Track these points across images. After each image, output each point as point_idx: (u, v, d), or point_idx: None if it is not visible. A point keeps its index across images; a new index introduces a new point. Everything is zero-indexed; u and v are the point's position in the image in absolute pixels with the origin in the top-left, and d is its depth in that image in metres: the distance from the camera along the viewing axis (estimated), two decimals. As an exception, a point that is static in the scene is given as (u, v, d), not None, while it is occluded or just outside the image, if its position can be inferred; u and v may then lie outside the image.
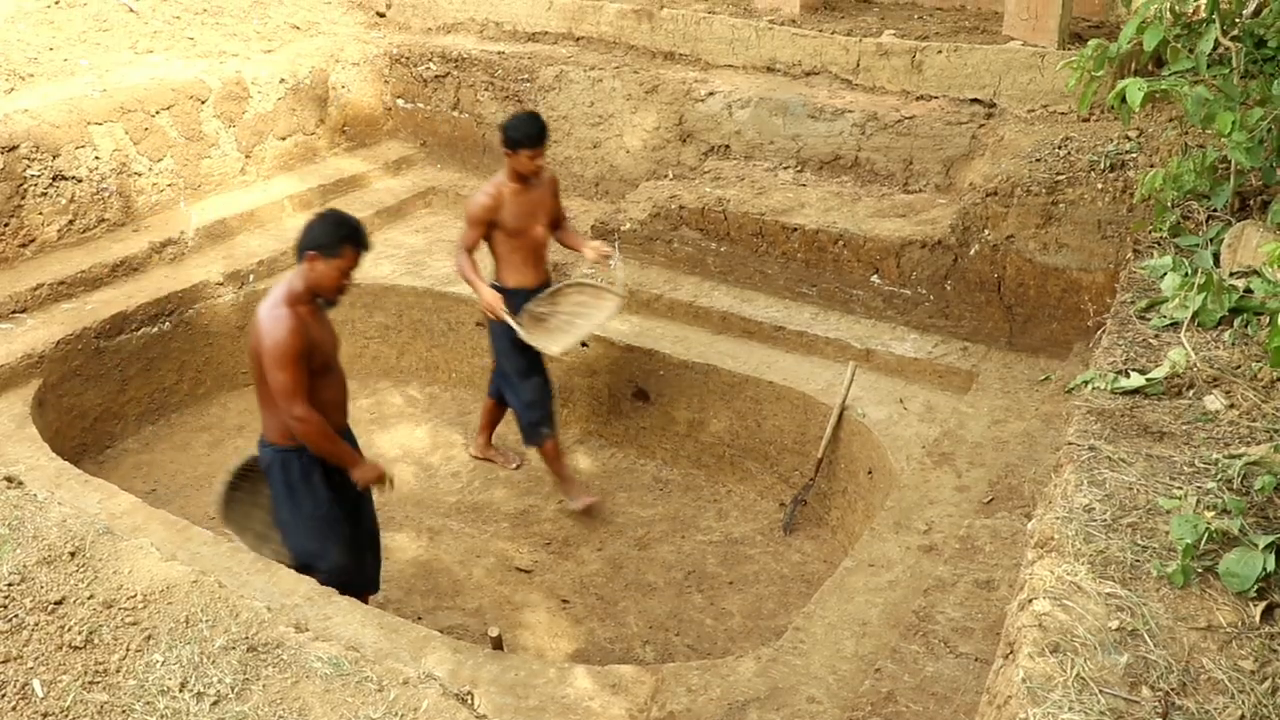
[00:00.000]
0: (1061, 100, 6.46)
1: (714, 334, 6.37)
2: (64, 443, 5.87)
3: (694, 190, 6.94)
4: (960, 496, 4.67)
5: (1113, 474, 2.77)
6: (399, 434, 6.71)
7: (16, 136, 6.44)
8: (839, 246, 6.27)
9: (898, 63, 7.13)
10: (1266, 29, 4.96)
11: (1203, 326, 3.53)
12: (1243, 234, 3.85)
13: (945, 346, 5.93)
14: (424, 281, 7.17)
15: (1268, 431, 2.92)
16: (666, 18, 8.21)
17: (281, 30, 9.02)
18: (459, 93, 8.84)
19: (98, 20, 8.43)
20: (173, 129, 7.36)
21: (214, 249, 7.25)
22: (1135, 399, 3.17)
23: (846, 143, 6.97)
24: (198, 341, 6.80)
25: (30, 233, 6.55)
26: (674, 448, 6.36)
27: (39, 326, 6.11)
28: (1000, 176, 5.84)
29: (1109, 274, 5.39)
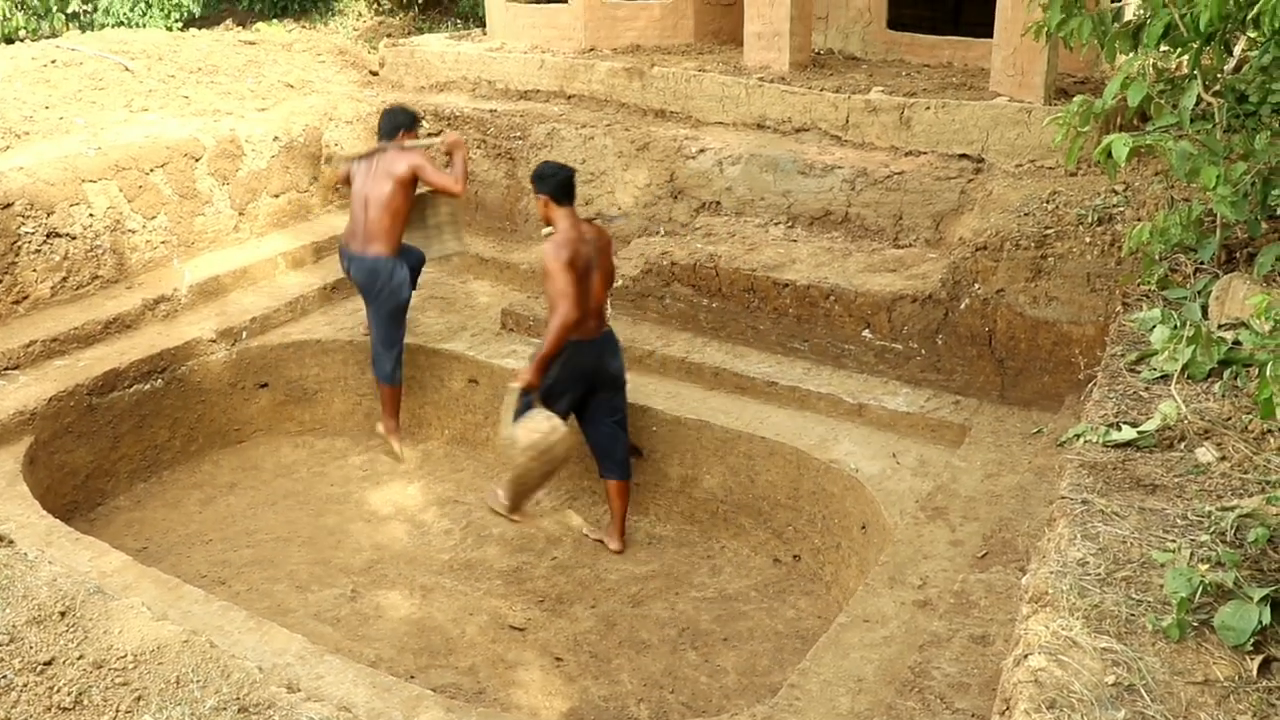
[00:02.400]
0: (1048, 155, 6.52)
1: (706, 390, 6.38)
2: (55, 500, 5.85)
3: (685, 246, 6.98)
4: (954, 551, 4.65)
5: (1106, 527, 2.77)
6: (391, 491, 6.69)
7: (11, 194, 6.48)
8: (830, 302, 6.30)
9: (886, 119, 7.20)
10: (1247, 85, 5.03)
11: (1193, 379, 3.54)
12: (1230, 286, 3.87)
13: (937, 400, 5.94)
14: (417, 338, 7.17)
15: (1259, 483, 2.92)
16: (657, 76, 8.30)
17: (276, 89, 9.10)
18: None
19: (94, 79, 8.51)
20: (167, 187, 7.40)
21: (207, 306, 7.27)
22: (1127, 452, 3.17)
23: (837, 198, 7.02)
24: (190, 399, 6.79)
25: (24, 289, 6.56)
26: (667, 504, 6.34)
27: (31, 383, 6.11)
28: (990, 231, 5.89)
29: (1099, 327, 5.41)
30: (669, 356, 6.56)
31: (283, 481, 6.81)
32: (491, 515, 6.33)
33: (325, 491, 6.69)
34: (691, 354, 6.57)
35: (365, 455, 7.10)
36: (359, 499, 6.60)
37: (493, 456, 6.95)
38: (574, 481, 6.65)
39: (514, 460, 5.58)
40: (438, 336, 7.20)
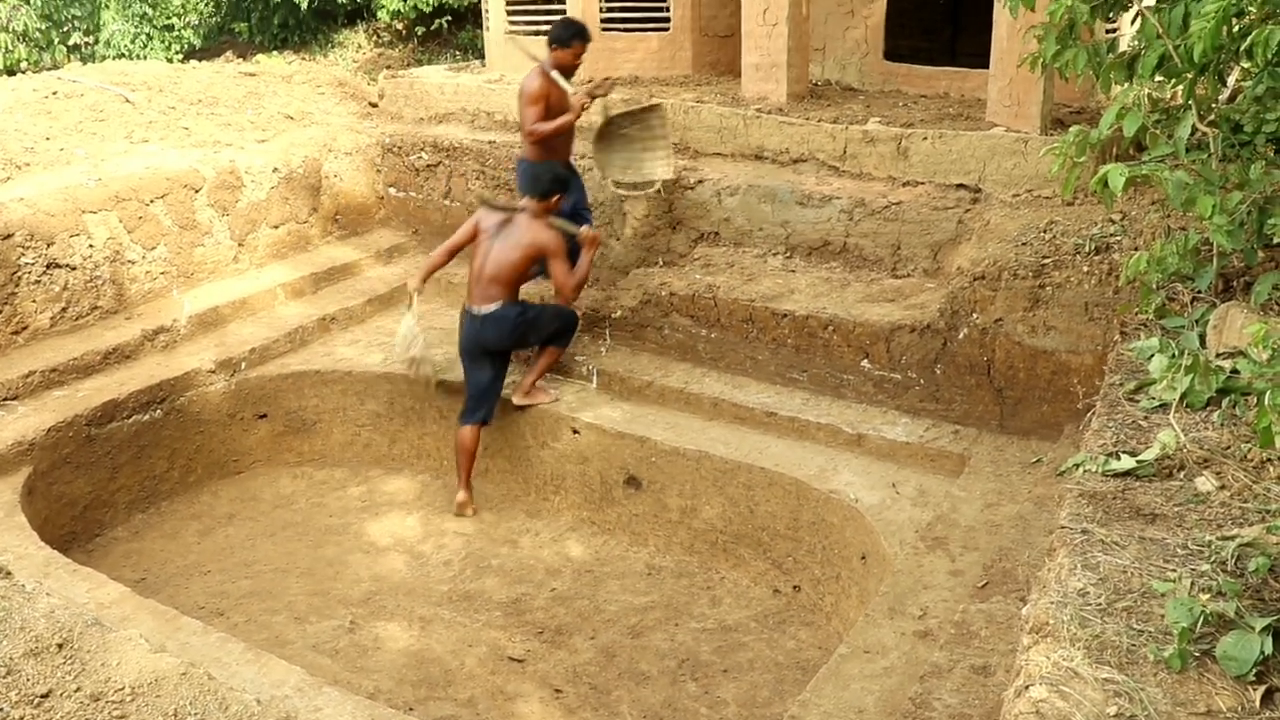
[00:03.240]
0: (1045, 185, 6.55)
1: (705, 420, 6.38)
2: (53, 531, 5.83)
3: (684, 277, 7.00)
4: (955, 581, 4.64)
5: (1106, 557, 2.77)
6: (390, 522, 6.67)
7: (11, 225, 6.50)
8: (829, 332, 6.31)
9: (884, 149, 7.23)
10: (1242, 114, 5.05)
11: (1191, 408, 3.54)
12: (1227, 315, 3.88)
13: (937, 430, 5.94)
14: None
15: (1259, 512, 2.92)
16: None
17: (275, 120, 9.14)
18: (450, 181, 8.94)
19: (94, 110, 8.55)
20: (167, 217, 7.42)
21: (206, 337, 7.27)
22: (1127, 481, 3.17)
23: (835, 229, 7.04)
24: (189, 429, 6.79)
25: (23, 320, 6.57)
26: (666, 535, 6.33)
27: (30, 414, 6.11)
28: (987, 260, 5.90)
29: (1097, 356, 5.42)
30: (668, 387, 6.56)
31: (281, 512, 6.80)
32: (491, 544, 6.34)
33: (324, 522, 6.68)
34: (690, 384, 6.57)
35: (364, 486, 7.09)
36: (358, 530, 6.59)
37: (491, 488, 6.95)
38: (573, 513, 6.64)
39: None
40: (436, 367, 7.19)
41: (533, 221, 6.37)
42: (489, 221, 6.49)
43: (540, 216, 6.38)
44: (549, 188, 6.41)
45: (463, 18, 14.41)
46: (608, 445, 6.39)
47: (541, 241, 6.30)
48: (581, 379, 6.89)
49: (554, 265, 6.31)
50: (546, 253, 6.30)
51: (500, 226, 6.43)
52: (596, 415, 6.48)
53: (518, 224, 6.39)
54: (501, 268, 6.35)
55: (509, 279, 6.39)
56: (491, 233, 6.43)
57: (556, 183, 6.46)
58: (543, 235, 6.32)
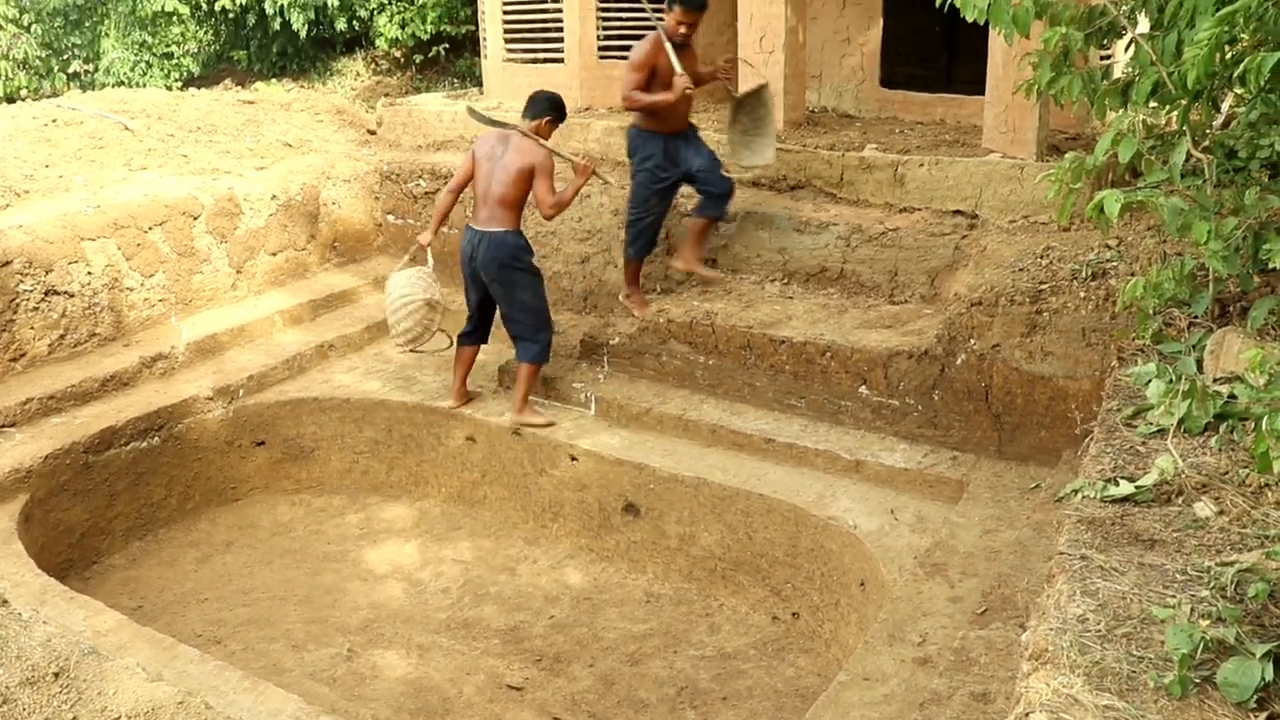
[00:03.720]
0: (1042, 211, 6.57)
1: (704, 447, 6.38)
2: (50, 559, 5.82)
3: (682, 304, 7.01)
4: (954, 607, 4.63)
5: (1105, 583, 2.76)
6: (388, 550, 6.66)
7: (10, 252, 6.51)
8: (827, 358, 6.31)
9: (881, 176, 7.26)
10: (1236, 140, 5.08)
11: (1189, 433, 3.55)
12: (1224, 340, 3.89)
13: (935, 456, 5.94)
14: (414, 396, 7.19)
15: (1258, 538, 2.92)
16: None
17: (274, 148, 9.18)
18: (449, 209, 8.94)
19: (93, 138, 8.58)
20: (165, 245, 7.44)
21: (204, 364, 7.28)
22: (1125, 507, 3.17)
23: (832, 255, 7.06)
24: (187, 456, 6.78)
25: (21, 347, 6.58)
26: (665, 562, 6.31)
27: (27, 441, 6.10)
28: (985, 286, 5.92)
29: (1095, 381, 5.42)
30: (666, 414, 6.56)
31: (279, 540, 6.78)
32: (490, 572, 6.32)
33: (322, 550, 6.67)
34: (688, 411, 6.57)
35: (362, 513, 7.08)
36: (355, 557, 6.58)
37: (489, 515, 6.94)
38: (571, 540, 6.63)
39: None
40: (434, 394, 7.20)
41: (524, 141, 6.50)
42: (485, 149, 6.63)
43: (531, 137, 6.52)
44: (541, 109, 6.59)
45: (461, 45, 14.50)
46: (606, 472, 6.38)
47: (531, 160, 6.44)
48: (579, 406, 6.89)
49: (538, 182, 6.45)
50: (535, 169, 6.43)
51: (498, 151, 6.58)
52: (594, 442, 6.48)
53: (512, 145, 6.52)
54: (502, 189, 6.51)
55: (509, 200, 6.53)
56: (490, 157, 6.59)
57: (550, 106, 6.61)
58: (533, 154, 6.46)
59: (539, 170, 6.43)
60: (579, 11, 9.34)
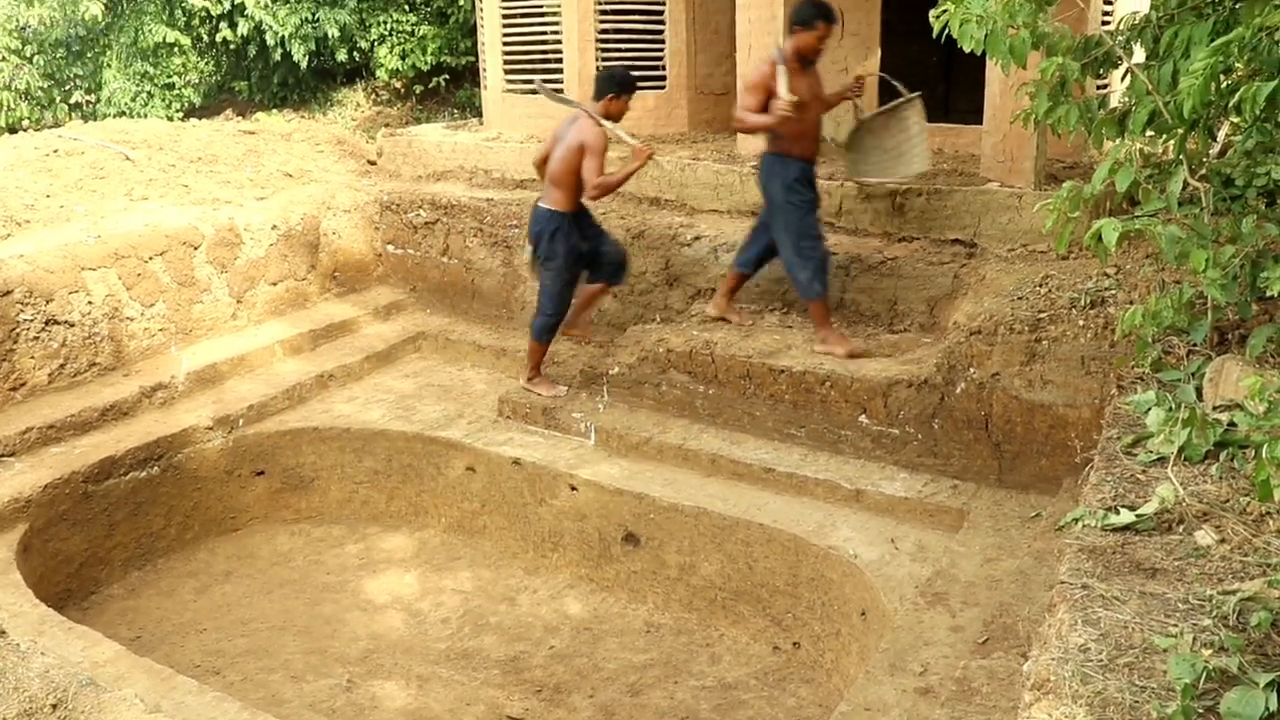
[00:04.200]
0: (1040, 239, 6.59)
1: (704, 476, 6.37)
2: (48, 589, 5.80)
3: (681, 334, 7.02)
4: (955, 637, 4.61)
5: (1107, 613, 2.76)
6: (388, 580, 6.64)
7: (11, 281, 6.52)
8: (826, 387, 6.31)
9: (879, 205, 7.29)
10: (1232, 169, 5.10)
11: (1189, 461, 3.55)
12: (1223, 368, 3.90)
13: (935, 485, 5.93)
14: (414, 426, 7.19)
15: (1260, 566, 2.91)
16: (651, 164, 8.39)
17: (274, 178, 9.21)
18: (448, 239, 8.99)
19: (94, 168, 8.61)
20: (165, 274, 7.45)
21: (204, 393, 7.28)
22: (1126, 535, 3.16)
23: (831, 285, 7.07)
24: (186, 486, 6.77)
25: (21, 376, 6.58)
26: (665, 591, 6.30)
27: (27, 470, 6.10)
28: (984, 315, 5.93)
29: (1094, 409, 5.42)
30: (665, 443, 6.55)
31: (278, 570, 6.76)
32: (490, 602, 6.29)
33: (321, 580, 6.65)
34: (688, 441, 6.56)
35: (362, 543, 7.06)
36: (355, 587, 6.56)
37: (489, 545, 6.92)
38: (571, 570, 6.61)
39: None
40: (434, 424, 7.20)
41: (585, 121, 6.73)
42: (559, 128, 6.93)
43: (594, 117, 6.73)
44: (603, 88, 6.82)
45: (461, 76, 14.59)
46: (606, 502, 6.37)
47: (583, 138, 6.65)
48: (579, 435, 6.88)
49: (586, 160, 6.64)
50: (585, 147, 6.63)
51: (565, 130, 6.85)
52: (594, 472, 6.47)
53: (575, 125, 6.77)
54: (559, 167, 6.76)
55: (564, 180, 6.77)
56: (559, 136, 6.87)
57: (611, 82, 6.82)
58: (587, 133, 6.67)
59: (588, 149, 6.63)
60: (578, 43, 9.40)
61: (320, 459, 7.26)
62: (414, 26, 14.12)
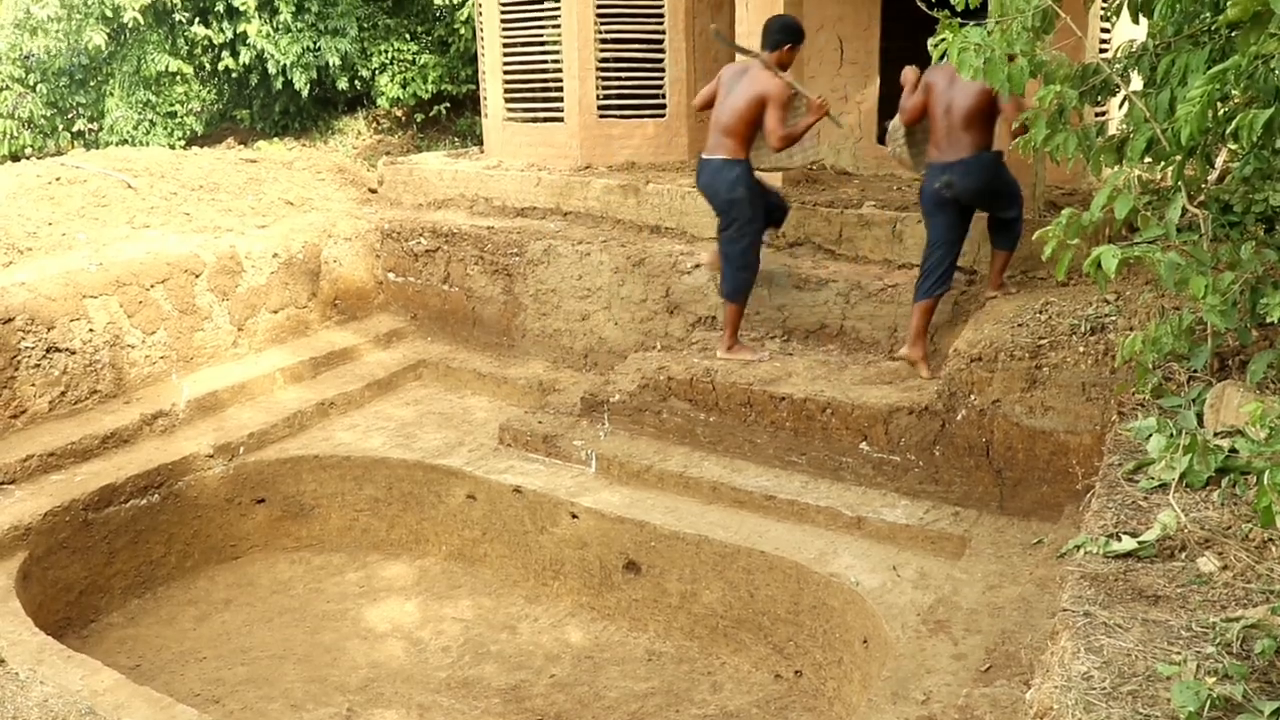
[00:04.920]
0: (1040, 266, 6.61)
1: (704, 504, 6.36)
2: (47, 617, 5.79)
3: (682, 361, 7.02)
4: (958, 665, 4.60)
5: (1110, 640, 2.75)
6: (388, 608, 6.62)
7: (12, 309, 6.53)
8: (827, 415, 6.31)
9: (879, 232, 7.31)
10: (1231, 195, 5.12)
11: (1191, 487, 3.54)
12: (1224, 394, 3.90)
13: (936, 512, 5.92)
14: (414, 454, 7.18)
15: (1263, 593, 2.90)
16: (652, 192, 8.43)
17: (275, 206, 9.24)
18: (449, 266, 9.01)
19: (97, 196, 8.64)
20: (167, 302, 7.47)
21: (205, 421, 7.28)
22: (1128, 562, 3.16)
23: (832, 312, 7.09)
24: (186, 514, 6.77)
25: (22, 404, 6.58)
26: (666, 619, 6.28)
27: (27, 498, 6.09)
28: (984, 342, 5.93)
29: (1095, 436, 5.42)
30: (666, 471, 6.55)
31: (279, 598, 6.75)
32: (490, 630, 6.27)
33: (321, 608, 6.63)
34: (689, 468, 6.56)
35: (362, 571, 7.05)
36: (355, 616, 6.54)
37: (490, 573, 6.90)
38: (572, 598, 6.59)
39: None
40: (435, 452, 7.20)
41: (761, 71, 6.64)
42: (727, 76, 6.82)
43: (770, 67, 6.64)
44: (778, 38, 6.67)
45: (461, 105, 14.65)
46: (607, 530, 6.36)
47: (764, 89, 6.57)
48: (580, 463, 6.88)
49: (770, 112, 6.56)
50: (767, 98, 6.55)
51: (735, 80, 6.75)
52: (595, 500, 6.46)
53: (748, 75, 6.68)
54: (731, 117, 6.68)
55: (737, 130, 6.68)
56: (728, 86, 6.78)
57: (784, 31, 6.70)
58: (767, 83, 6.58)
59: (771, 100, 6.55)
60: (579, 71, 9.45)
61: (321, 487, 7.25)
62: (415, 55, 14.20)
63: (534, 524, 6.68)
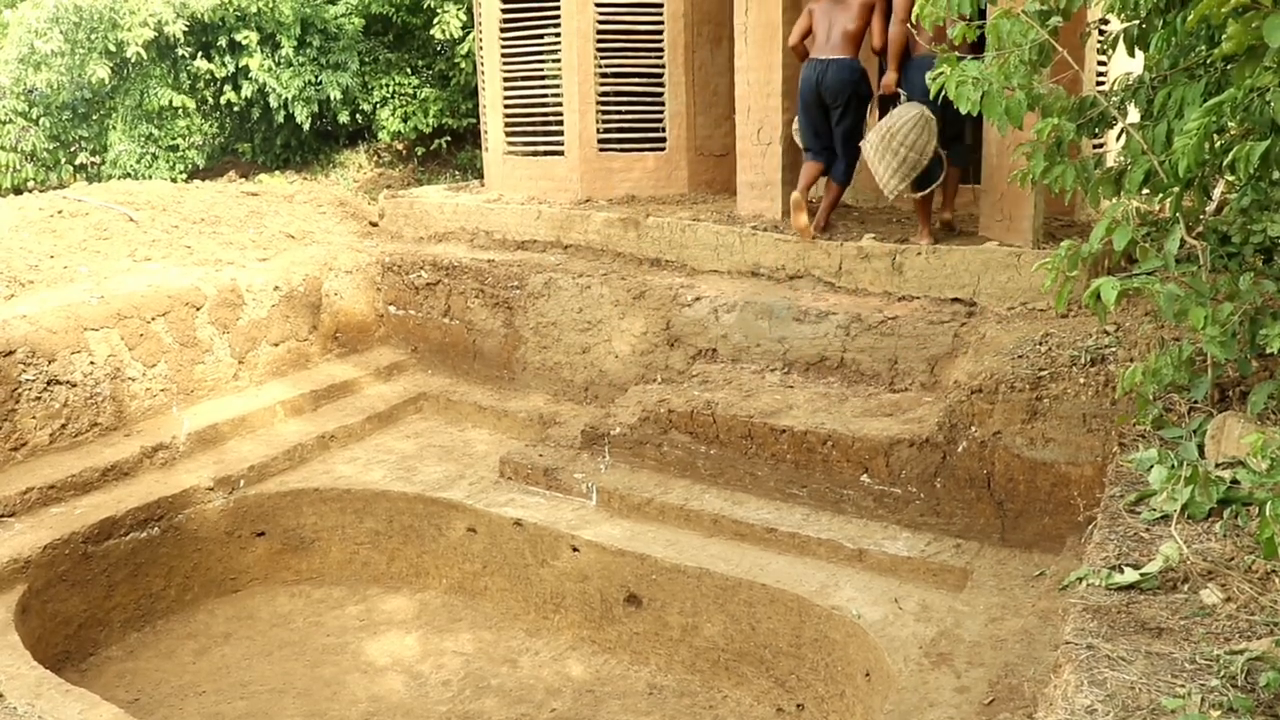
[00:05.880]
0: (1039, 297, 6.62)
1: (706, 537, 6.34)
2: (46, 650, 5.77)
3: (683, 394, 7.02)
4: (960, 698, 4.57)
5: (1113, 673, 2.74)
6: (388, 641, 6.59)
7: (14, 342, 6.54)
8: (828, 447, 6.31)
9: (879, 265, 7.32)
10: (1229, 226, 5.14)
11: (1193, 519, 3.54)
12: (1224, 425, 3.90)
13: (938, 544, 5.91)
14: (415, 487, 7.17)
15: (1267, 625, 2.89)
16: (652, 225, 8.45)
17: (277, 239, 9.27)
18: (450, 299, 9.03)
19: (98, 229, 8.67)
20: (168, 335, 7.48)
21: (205, 454, 7.27)
22: (1131, 594, 3.15)
23: (832, 344, 7.09)
24: (186, 547, 6.75)
25: (22, 436, 6.58)
26: (668, 653, 6.25)
27: (26, 531, 6.08)
28: (984, 374, 5.94)
29: (1097, 467, 5.42)
30: (667, 504, 6.54)
31: (278, 631, 6.72)
32: (491, 664, 6.25)
33: (321, 642, 6.60)
34: (690, 501, 6.55)
35: (362, 605, 7.02)
36: (355, 649, 6.51)
37: (491, 606, 6.88)
38: (573, 631, 6.56)
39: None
40: (435, 485, 7.19)
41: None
42: (820, 10, 7.62)
43: None
44: None
45: (462, 138, 14.74)
46: (608, 563, 6.34)
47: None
48: (581, 496, 6.87)
49: (876, 20, 7.45)
50: (874, 7, 7.43)
51: (831, 8, 7.58)
52: (596, 533, 6.45)
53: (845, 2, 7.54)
54: (853, 26, 7.49)
55: (853, 38, 7.54)
56: (826, 12, 7.59)
57: None
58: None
59: (877, 8, 7.42)
60: (579, 105, 9.50)
61: (321, 520, 7.24)
62: (416, 89, 14.30)
63: (535, 557, 6.66)
